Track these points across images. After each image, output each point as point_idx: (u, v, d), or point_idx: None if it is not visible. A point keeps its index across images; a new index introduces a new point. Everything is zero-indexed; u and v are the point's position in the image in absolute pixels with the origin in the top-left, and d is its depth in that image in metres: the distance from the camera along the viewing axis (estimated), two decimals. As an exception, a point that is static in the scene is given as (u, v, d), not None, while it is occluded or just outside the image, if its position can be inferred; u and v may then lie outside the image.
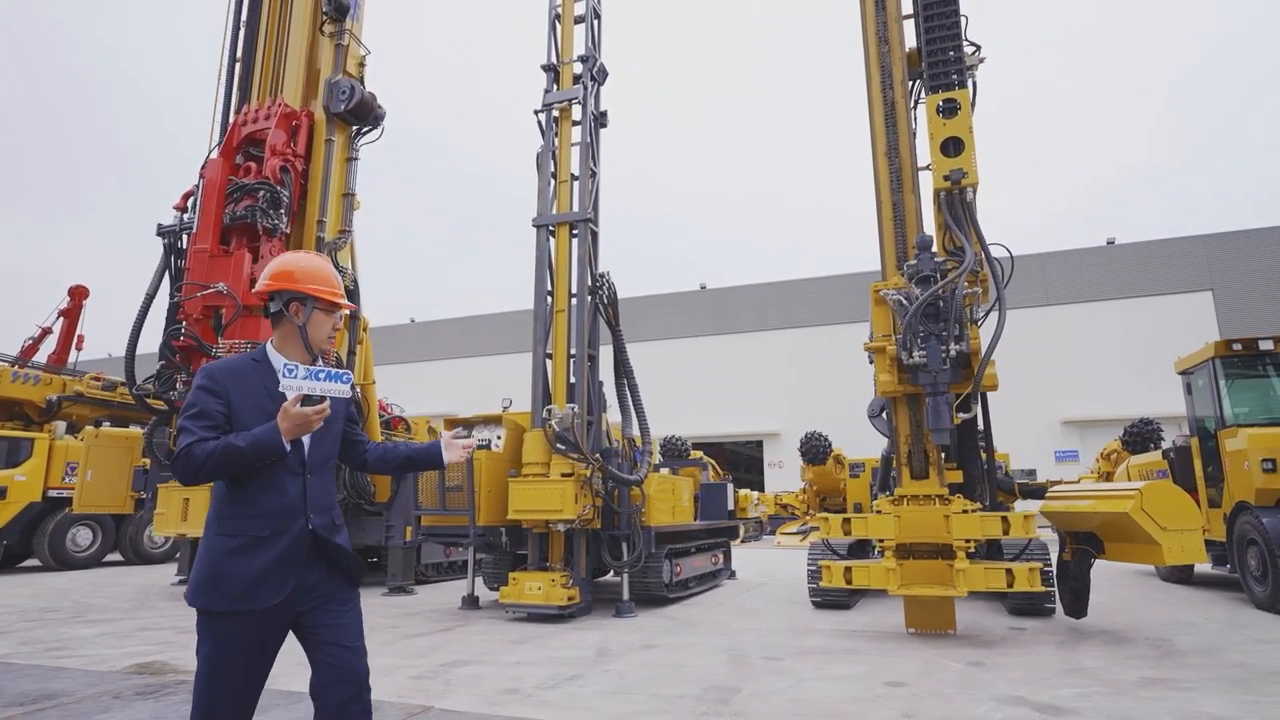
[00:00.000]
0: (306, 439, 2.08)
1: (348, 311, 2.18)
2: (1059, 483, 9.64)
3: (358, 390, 2.27)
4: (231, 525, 1.98)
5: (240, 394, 2.03)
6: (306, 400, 1.96)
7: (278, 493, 2.01)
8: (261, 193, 9.09)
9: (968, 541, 5.58)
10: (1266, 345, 7.89)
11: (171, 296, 9.20)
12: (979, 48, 7.10)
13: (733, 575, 10.63)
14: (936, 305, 5.79)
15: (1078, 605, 6.15)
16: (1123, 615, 6.95)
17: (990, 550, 6.38)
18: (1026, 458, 33.20)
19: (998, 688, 4.26)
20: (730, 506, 10.62)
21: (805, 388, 38.52)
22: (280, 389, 1.95)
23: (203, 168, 9.27)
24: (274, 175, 9.36)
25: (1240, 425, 7.74)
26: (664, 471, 10.20)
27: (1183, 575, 9.54)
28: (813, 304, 41.06)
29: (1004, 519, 5.56)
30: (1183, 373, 8.98)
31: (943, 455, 6.33)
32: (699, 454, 23.03)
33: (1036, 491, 9.05)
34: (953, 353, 5.62)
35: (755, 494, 25.87)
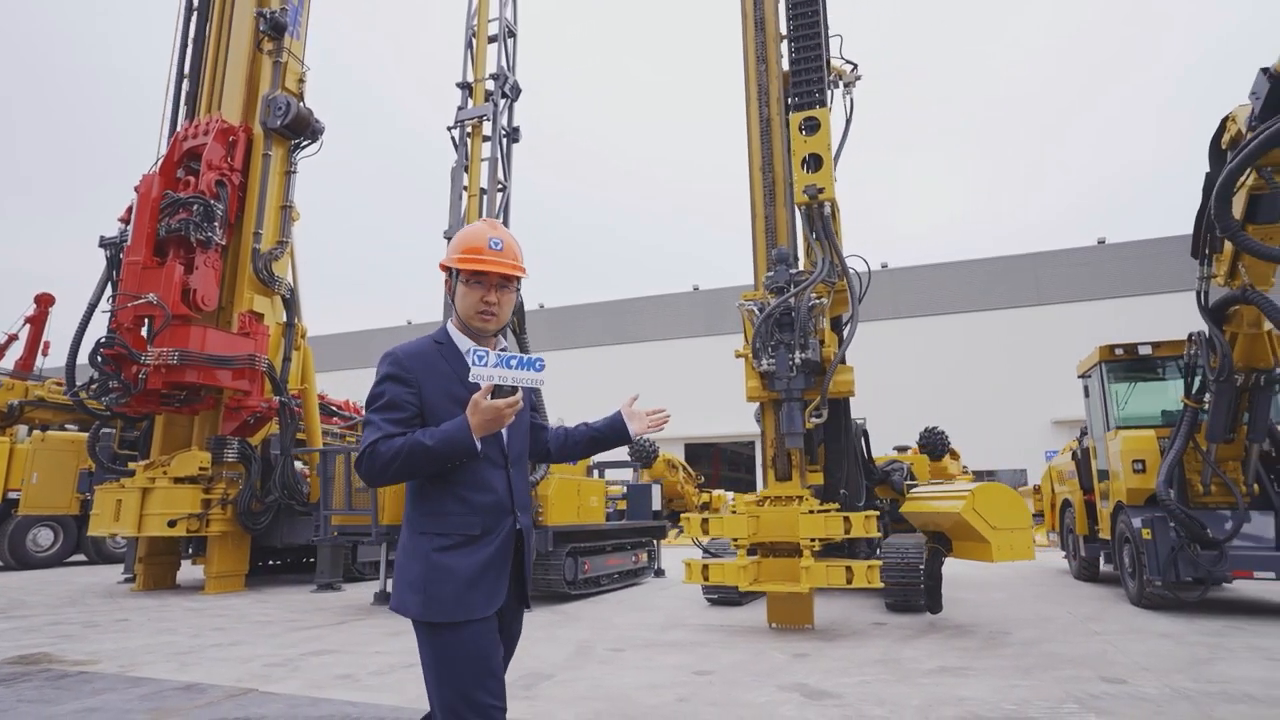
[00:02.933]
0: (504, 429, 1.87)
1: (516, 278, 1.93)
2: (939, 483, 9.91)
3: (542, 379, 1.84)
4: (439, 523, 1.80)
5: (430, 381, 1.83)
6: (497, 392, 1.75)
7: (485, 488, 1.83)
8: (195, 206, 9.49)
9: (813, 540, 5.88)
10: (1145, 350, 8.14)
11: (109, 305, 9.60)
12: (855, 66, 7.42)
13: (660, 574, 10.94)
14: (790, 315, 6.09)
15: (933, 601, 6.43)
16: (993, 611, 7.23)
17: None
18: (1017, 458, 33.41)
19: (794, 676, 4.57)
20: (656, 507, 10.93)
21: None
22: (470, 379, 1.72)
23: (139, 183, 9.65)
24: (209, 189, 9.76)
25: (1121, 428, 8.00)
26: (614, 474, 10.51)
27: (1090, 574, 9.79)
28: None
29: (846, 519, 5.85)
30: (1081, 376, 9.24)
31: (809, 457, 6.63)
32: (670, 455, 23.27)
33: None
34: (798, 360, 5.92)
35: (730, 495, 26.09)
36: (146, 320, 9.12)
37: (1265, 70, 5.62)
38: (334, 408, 18.48)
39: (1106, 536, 8.43)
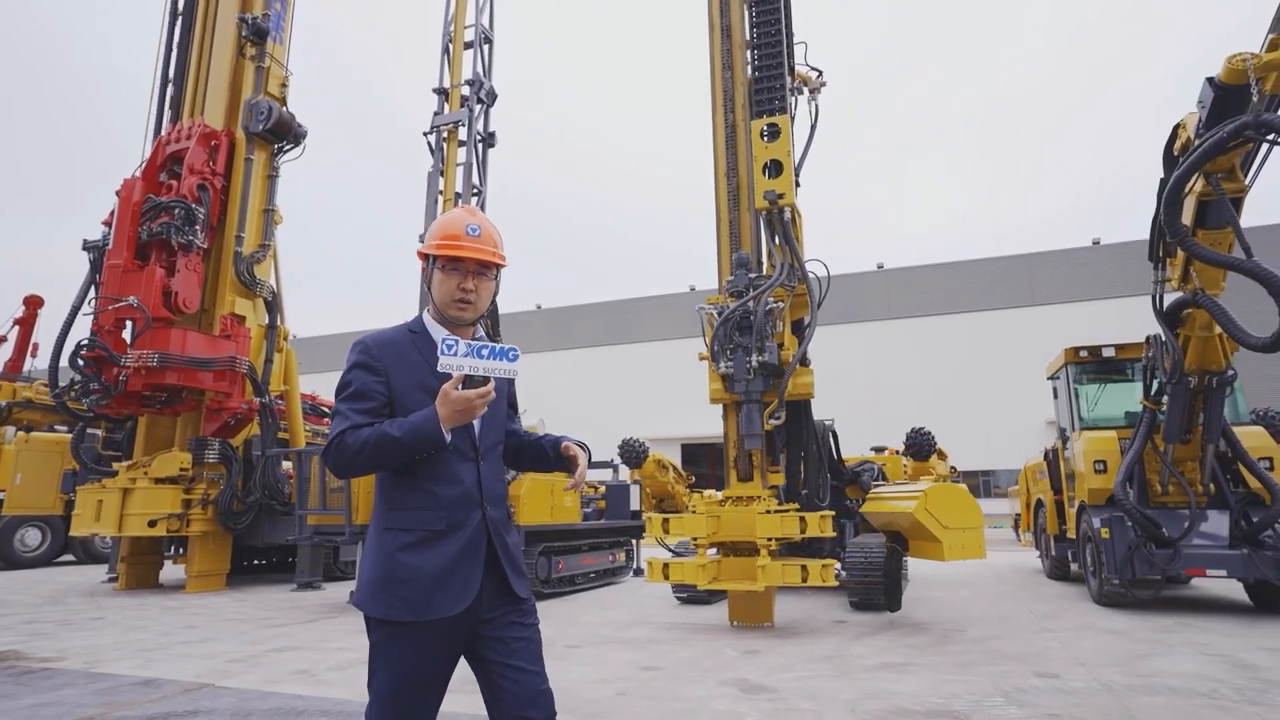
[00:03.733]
0: (477, 420, 1.80)
1: (495, 266, 1.87)
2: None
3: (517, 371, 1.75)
4: (403, 518, 1.73)
5: (400, 370, 1.78)
6: (468, 382, 1.69)
7: (451, 480, 1.76)
8: (177, 210, 9.61)
9: (770, 540, 6.00)
10: (1109, 352, 8.26)
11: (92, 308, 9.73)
12: (820, 72, 7.55)
13: (639, 573, 11.06)
14: (749, 318, 6.21)
15: (891, 599, 6.55)
16: (955, 609, 7.34)
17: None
18: (1016, 458, 33.49)
19: (738, 672, 4.69)
20: (635, 507, 11.06)
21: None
22: (439, 369, 1.66)
23: (120, 187, 9.77)
24: (191, 193, 9.89)
25: (1085, 429, 8.12)
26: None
27: (1061, 573, 9.90)
28: (795, 306, 41.30)
29: (801, 519, 5.98)
30: (1050, 378, 9.36)
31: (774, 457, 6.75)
32: (659, 455, 23.34)
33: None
34: (755, 363, 6.04)
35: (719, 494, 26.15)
36: (129, 323, 9.25)
37: (1210, 80, 5.74)
38: (325, 409, 18.60)
39: (1074, 536, 8.55)
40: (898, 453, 11.47)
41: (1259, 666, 4.69)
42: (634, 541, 11.01)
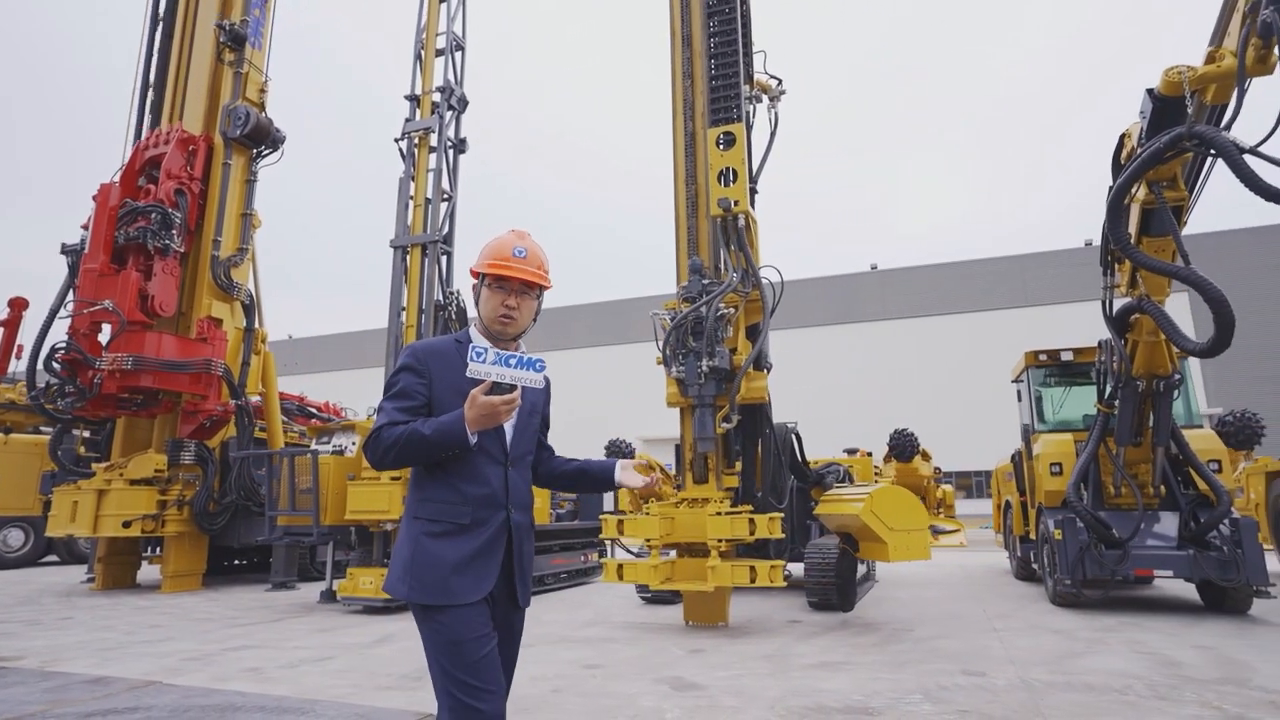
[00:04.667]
0: (509, 428, 1.96)
1: (538, 286, 2.03)
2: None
3: (549, 382, 2.01)
4: (431, 509, 1.88)
5: (442, 374, 1.92)
6: (496, 389, 1.80)
7: (478, 480, 1.89)
8: (153, 215, 9.72)
9: (720, 541, 6.12)
10: (1068, 356, 8.39)
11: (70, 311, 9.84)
12: (780, 81, 7.67)
13: (613, 573, 11.18)
14: (701, 324, 6.33)
15: (843, 599, 6.67)
16: (912, 609, 7.46)
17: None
18: (1006, 458, 33.61)
19: (676, 670, 4.81)
20: (609, 508, 11.16)
21: (783, 388, 38.98)
22: (467, 374, 1.79)
23: (96, 191, 9.89)
24: (168, 198, 10.00)
25: (1043, 431, 8.25)
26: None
27: (1026, 573, 10.02)
28: (789, 306, 41.47)
29: (750, 520, 6.10)
30: (1014, 381, 9.48)
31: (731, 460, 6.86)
32: (646, 456, 23.39)
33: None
34: (706, 368, 6.16)
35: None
36: (105, 326, 9.36)
37: (1150, 91, 5.87)
38: (313, 409, 18.73)
39: (1035, 537, 8.67)
40: (869, 454, 11.57)
41: (1184, 664, 4.82)
42: (608, 542, 11.12)
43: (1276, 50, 5.07)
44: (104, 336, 9.48)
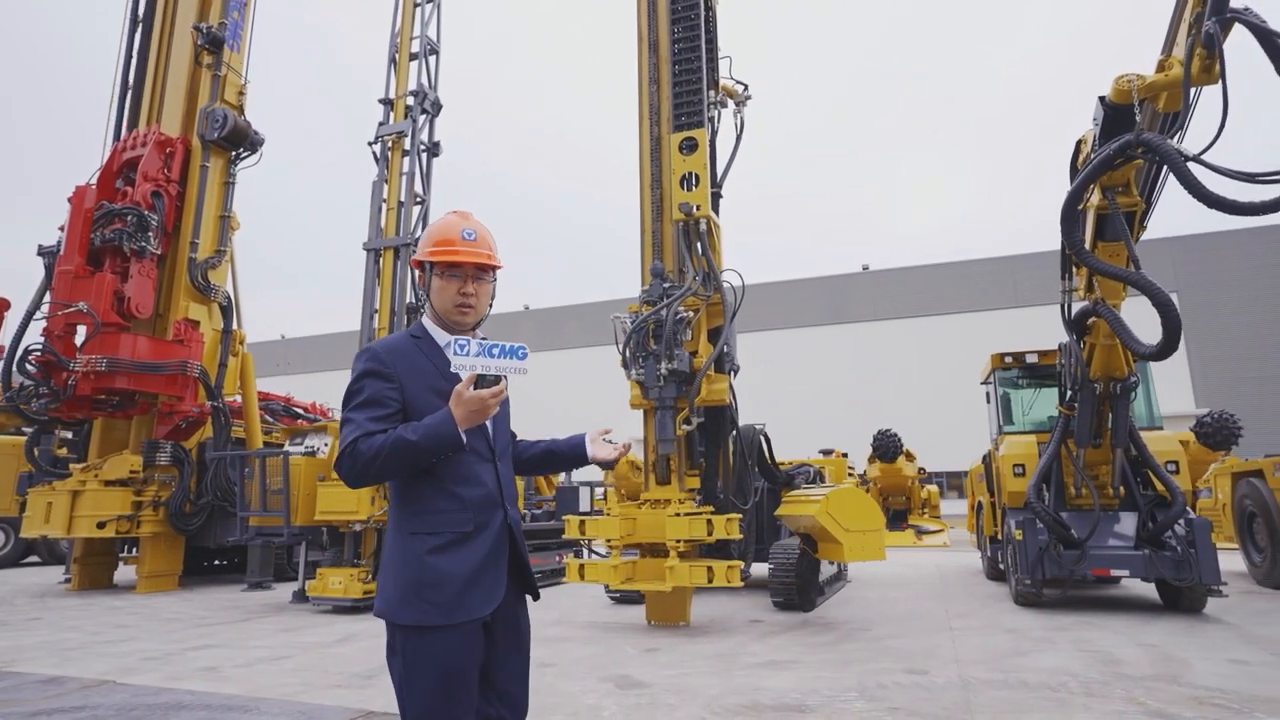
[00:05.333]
0: (489, 421, 1.84)
1: (492, 269, 1.90)
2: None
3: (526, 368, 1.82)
4: (430, 521, 1.73)
5: (411, 376, 1.78)
6: (480, 382, 1.71)
7: (473, 482, 1.78)
8: (130, 217, 9.77)
9: (678, 541, 6.20)
10: (1032, 358, 8.49)
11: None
12: (746, 86, 7.76)
13: (589, 573, 11.25)
14: (661, 327, 6.41)
15: (803, 599, 6.75)
16: (875, 609, 7.54)
17: None
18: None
19: (625, 669, 4.89)
20: (585, 508, 11.25)
21: (774, 389, 39.20)
22: (452, 369, 1.68)
23: (71, 194, 9.93)
24: (145, 200, 10.05)
25: (1008, 433, 8.34)
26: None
27: (997, 573, 10.10)
28: (781, 307, 41.74)
29: (708, 521, 6.18)
30: (982, 383, 9.58)
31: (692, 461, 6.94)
32: (634, 458, 23.46)
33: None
34: (664, 370, 6.24)
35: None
36: (80, 328, 9.40)
37: (1102, 99, 5.97)
38: (299, 410, 18.75)
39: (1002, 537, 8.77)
40: (844, 455, 11.67)
41: (1124, 662, 4.91)
42: (585, 543, 11.19)
43: (1220, 61, 5.17)
44: (81, 338, 9.53)
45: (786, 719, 3.73)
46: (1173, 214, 21.92)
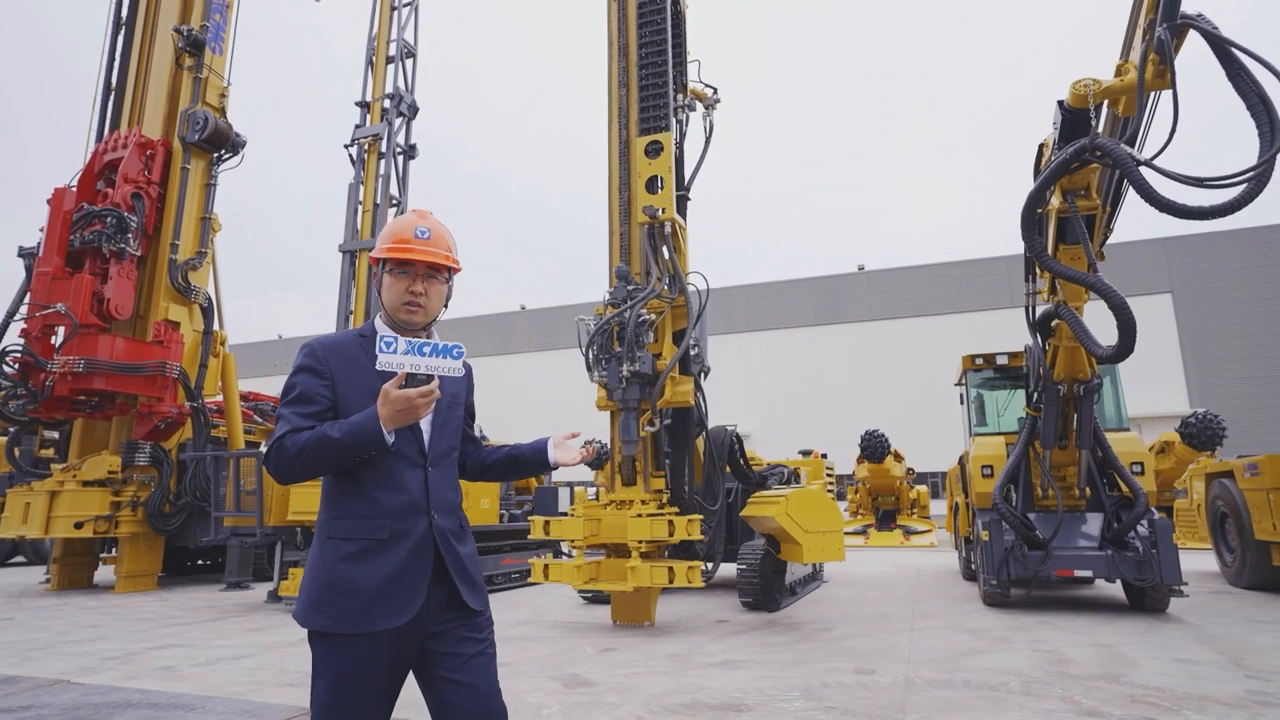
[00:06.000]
0: (427, 425, 1.81)
1: (446, 269, 1.87)
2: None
3: (470, 369, 1.90)
4: (344, 527, 1.71)
5: (346, 373, 1.76)
6: (411, 381, 1.65)
7: (396, 488, 1.73)
8: (109, 219, 9.84)
9: (640, 542, 6.24)
10: (1003, 360, 8.53)
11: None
12: (715, 89, 7.80)
13: (569, 573, 11.31)
14: (624, 329, 6.45)
15: (766, 599, 6.80)
16: (844, 608, 7.59)
17: None
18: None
19: (577, 668, 4.94)
20: (564, 509, 11.28)
21: (773, 389, 39.28)
22: (378, 367, 1.64)
23: (50, 196, 9.98)
24: (125, 202, 10.11)
25: (978, 434, 8.39)
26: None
27: (972, 573, 10.15)
28: (778, 307, 41.80)
29: (669, 522, 6.23)
30: (956, 385, 9.63)
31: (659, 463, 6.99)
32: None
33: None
34: (626, 373, 6.28)
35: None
36: (59, 329, 9.46)
37: (1060, 103, 6.02)
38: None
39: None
40: (823, 456, 11.71)
41: (1072, 661, 4.96)
42: (562, 543, 11.23)
43: (1172, 66, 5.22)
44: (60, 340, 9.58)
45: (723, 717, 3.78)
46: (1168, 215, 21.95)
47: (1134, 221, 45.70)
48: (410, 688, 1.84)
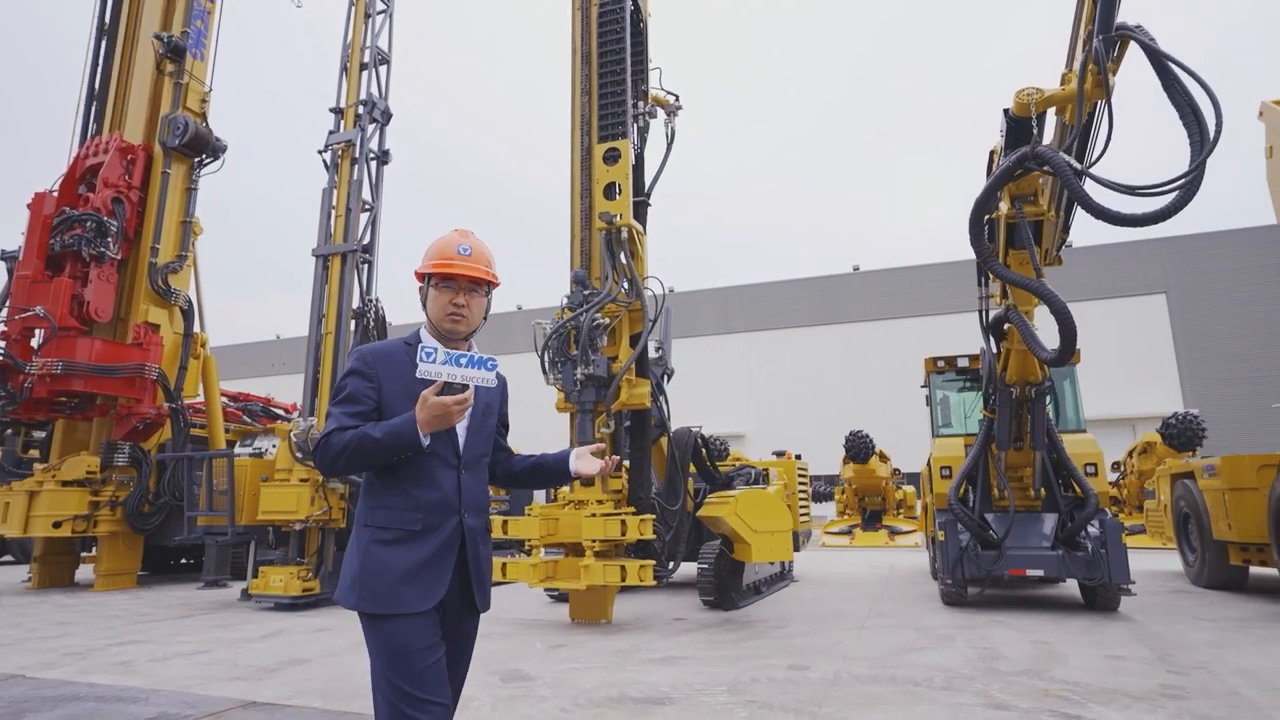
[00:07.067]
0: (462, 430, 1.95)
1: (486, 283, 2.04)
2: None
3: (505, 381, 2.11)
4: (381, 516, 1.87)
5: (392, 378, 1.91)
6: (447, 389, 1.80)
7: (431, 486, 1.88)
8: (89, 223, 9.99)
9: (594, 541, 6.38)
10: (964, 362, 8.64)
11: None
12: (677, 96, 7.94)
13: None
14: (579, 333, 6.59)
15: (721, 598, 6.93)
16: (806, 607, 7.71)
17: None
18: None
19: (522, 664, 5.07)
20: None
21: (772, 389, 39.40)
22: (417, 375, 1.78)
23: (30, 200, 10.14)
24: (105, 206, 10.25)
25: (939, 436, 8.51)
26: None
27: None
28: (775, 307, 41.93)
29: (623, 521, 6.36)
30: (922, 387, 9.74)
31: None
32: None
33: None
34: (580, 376, 6.42)
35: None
36: (39, 331, 9.62)
37: (1006, 111, 6.14)
38: (279, 410, 18.91)
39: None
40: (798, 457, 11.82)
41: (1004, 658, 5.08)
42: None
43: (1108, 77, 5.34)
44: (33, 342, 9.74)
45: (644, 710, 3.91)
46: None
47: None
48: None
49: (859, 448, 18.95)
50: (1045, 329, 6.65)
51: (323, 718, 3.87)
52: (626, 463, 7.10)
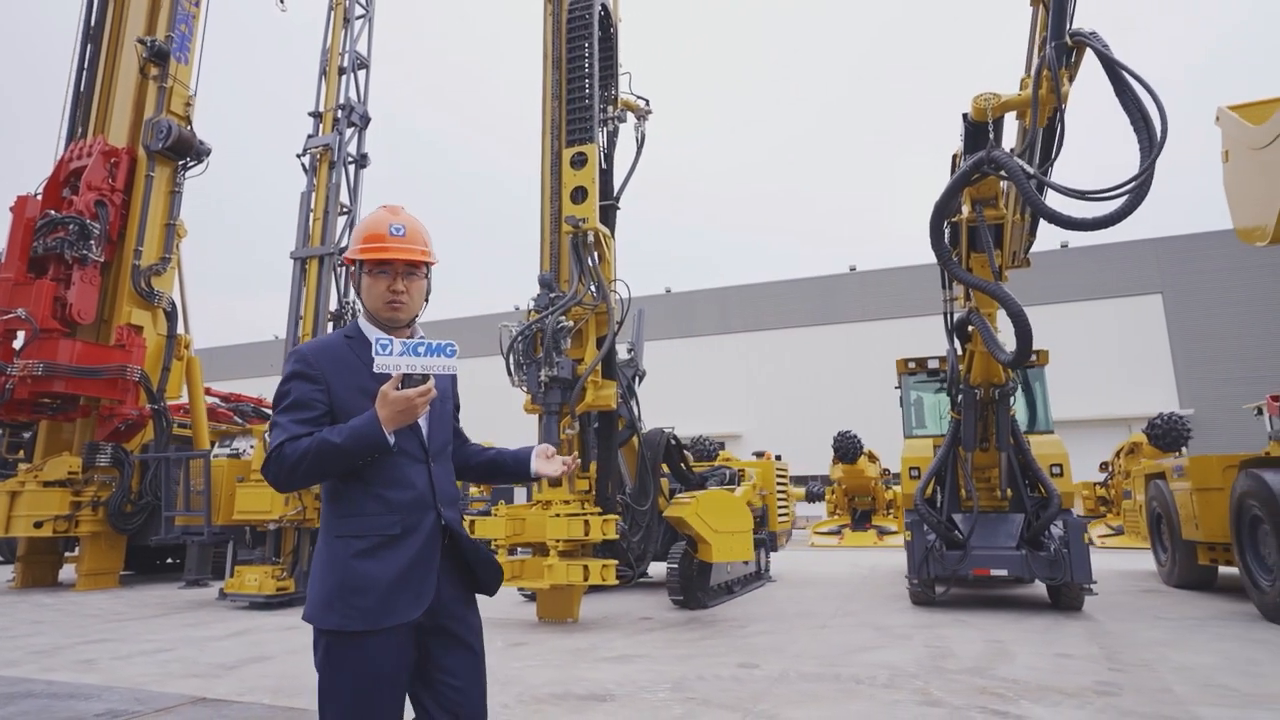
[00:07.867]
0: (423, 421, 1.82)
1: (424, 265, 1.88)
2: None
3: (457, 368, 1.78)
4: (356, 524, 1.71)
5: (339, 376, 1.76)
6: (407, 381, 1.67)
7: (403, 484, 1.74)
8: (71, 226, 10.08)
9: (557, 541, 6.45)
10: (934, 364, 8.71)
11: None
12: (647, 101, 8.01)
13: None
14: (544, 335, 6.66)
15: (687, 597, 7.00)
16: (774, 606, 7.78)
17: None
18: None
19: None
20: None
21: (771, 389, 39.43)
22: (375, 369, 1.65)
23: (13, 203, 10.25)
24: (88, 209, 10.35)
25: (909, 436, 8.58)
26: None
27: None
28: (773, 307, 41.96)
29: (585, 521, 6.43)
30: (896, 388, 9.81)
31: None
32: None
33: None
34: (544, 378, 6.50)
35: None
36: (21, 333, 9.72)
37: (964, 115, 6.20)
38: (270, 411, 19.00)
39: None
40: (777, 457, 11.89)
41: (954, 656, 5.15)
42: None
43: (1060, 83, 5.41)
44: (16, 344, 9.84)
45: (583, 707, 3.99)
46: (1158, 215, 22.10)
47: (1126, 223, 45.71)
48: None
49: (847, 448, 19.02)
50: (1009, 331, 6.73)
51: (267, 713, 3.95)
52: (594, 463, 7.17)
